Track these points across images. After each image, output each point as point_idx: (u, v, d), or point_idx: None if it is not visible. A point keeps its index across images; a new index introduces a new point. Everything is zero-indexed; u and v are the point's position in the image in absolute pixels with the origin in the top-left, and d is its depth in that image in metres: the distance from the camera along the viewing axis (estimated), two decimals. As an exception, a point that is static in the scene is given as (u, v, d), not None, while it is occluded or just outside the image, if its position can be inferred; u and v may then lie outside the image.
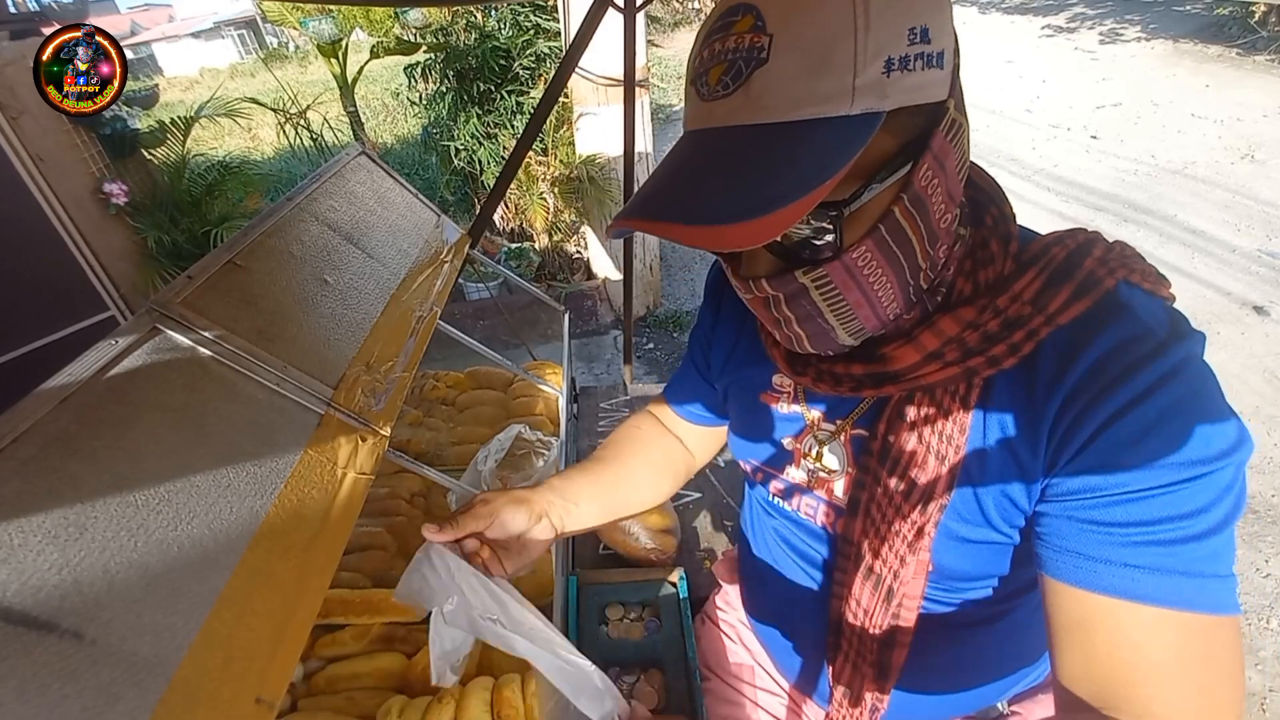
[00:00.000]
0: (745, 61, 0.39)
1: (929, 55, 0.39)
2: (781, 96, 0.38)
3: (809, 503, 0.63)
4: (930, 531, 0.52)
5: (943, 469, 0.51)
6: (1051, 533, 0.46)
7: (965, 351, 0.47)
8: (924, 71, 0.39)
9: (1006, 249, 0.49)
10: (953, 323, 0.48)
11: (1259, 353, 2.87)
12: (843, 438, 0.59)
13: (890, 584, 0.55)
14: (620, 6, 1.30)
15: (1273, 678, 1.72)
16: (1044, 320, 0.46)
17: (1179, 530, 0.41)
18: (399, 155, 6.09)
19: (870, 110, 0.38)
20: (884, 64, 0.38)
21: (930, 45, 0.39)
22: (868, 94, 0.38)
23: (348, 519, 0.67)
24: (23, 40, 2.78)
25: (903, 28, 0.38)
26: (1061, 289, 0.46)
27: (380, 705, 0.91)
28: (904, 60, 0.38)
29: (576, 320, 3.68)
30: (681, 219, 0.39)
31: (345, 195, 1.15)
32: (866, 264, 0.45)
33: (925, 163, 0.41)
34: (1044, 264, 0.47)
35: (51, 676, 0.38)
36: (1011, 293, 0.47)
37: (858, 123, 0.38)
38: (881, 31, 0.37)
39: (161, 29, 24.87)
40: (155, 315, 0.65)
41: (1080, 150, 5.31)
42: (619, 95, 2.15)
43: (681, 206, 0.40)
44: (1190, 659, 0.42)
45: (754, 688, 0.83)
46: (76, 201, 2.86)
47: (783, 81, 0.38)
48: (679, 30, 10.61)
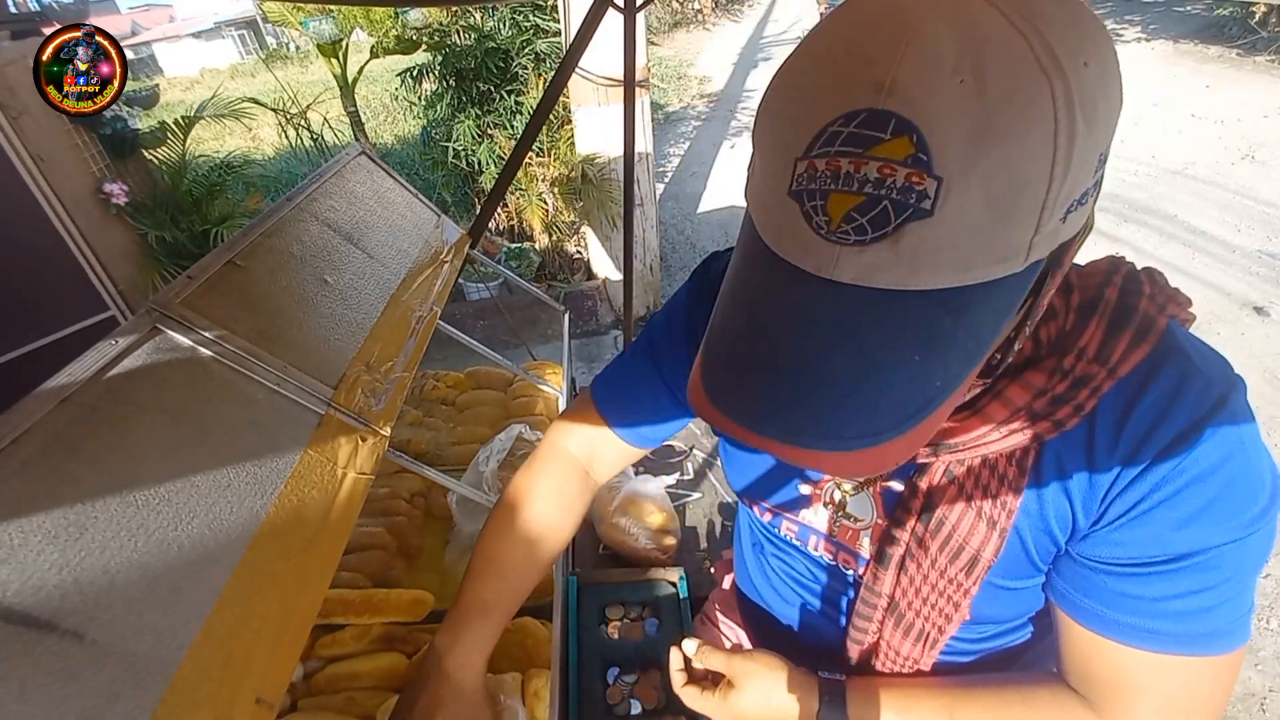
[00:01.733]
0: (895, 206, 0.28)
1: (1097, 184, 0.31)
2: (949, 261, 0.29)
3: (827, 546, 0.60)
4: (973, 590, 0.50)
5: (993, 534, 0.48)
6: (1080, 581, 0.47)
7: (1032, 418, 0.43)
8: (1085, 206, 0.31)
9: (1068, 301, 0.44)
10: (1021, 391, 0.43)
11: (1259, 353, 2.87)
12: (873, 489, 0.55)
13: (933, 636, 0.55)
14: (620, 6, 1.30)
15: (1273, 678, 1.72)
16: (1107, 374, 0.42)
17: (1209, 599, 0.42)
18: (399, 155, 6.10)
19: (1037, 260, 0.31)
20: (1067, 209, 0.30)
21: (1099, 172, 0.31)
22: (1042, 245, 0.30)
23: (348, 519, 0.67)
24: (23, 40, 2.77)
25: (1094, 158, 0.30)
26: (1121, 336, 0.42)
27: (380, 705, 0.90)
28: (1084, 196, 0.30)
29: (576, 320, 3.68)
30: (790, 438, 0.31)
31: (345, 195, 1.15)
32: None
33: (1054, 277, 0.35)
34: (1102, 310, 0.43)
35: (51, 676, 0.38)
36: (1077, 350, 0.42)
37: (1018, 280, 0.31)
38: (1079, 170, 0.29)
39: (162, 29, 24.86)
40: (155, 315, 0.65)
41: (1080, 150, 5.30)
42: (619, 95, 2.15)
43: (790, 414, 0.31)
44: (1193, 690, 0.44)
45: (754, 687, 0.83)
46: (76, 201, 2.85)
47: (954, 242, 0.29)
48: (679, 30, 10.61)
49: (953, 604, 0.52)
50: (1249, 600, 0.43)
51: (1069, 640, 0.49)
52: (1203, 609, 0.42)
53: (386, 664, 1.00)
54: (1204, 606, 0.42)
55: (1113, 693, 0.47)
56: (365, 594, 1.04)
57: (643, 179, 3.24)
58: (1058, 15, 0.28)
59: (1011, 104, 0.27)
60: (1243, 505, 0.41)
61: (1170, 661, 0.44)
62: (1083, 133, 0.28)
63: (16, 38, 2.77)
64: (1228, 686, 0.45)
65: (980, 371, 0.37)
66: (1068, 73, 0.27)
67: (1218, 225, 3.93)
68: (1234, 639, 0.43)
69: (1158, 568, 0.42)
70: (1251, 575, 0.42)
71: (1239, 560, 0.41)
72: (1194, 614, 0.42)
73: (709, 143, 6.50)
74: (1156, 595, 0.43)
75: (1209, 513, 0.41)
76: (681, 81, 8.64)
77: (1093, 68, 0.28)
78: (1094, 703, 0.48)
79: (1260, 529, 0.41)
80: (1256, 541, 0.41)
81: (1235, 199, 4.22)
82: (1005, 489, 0.46)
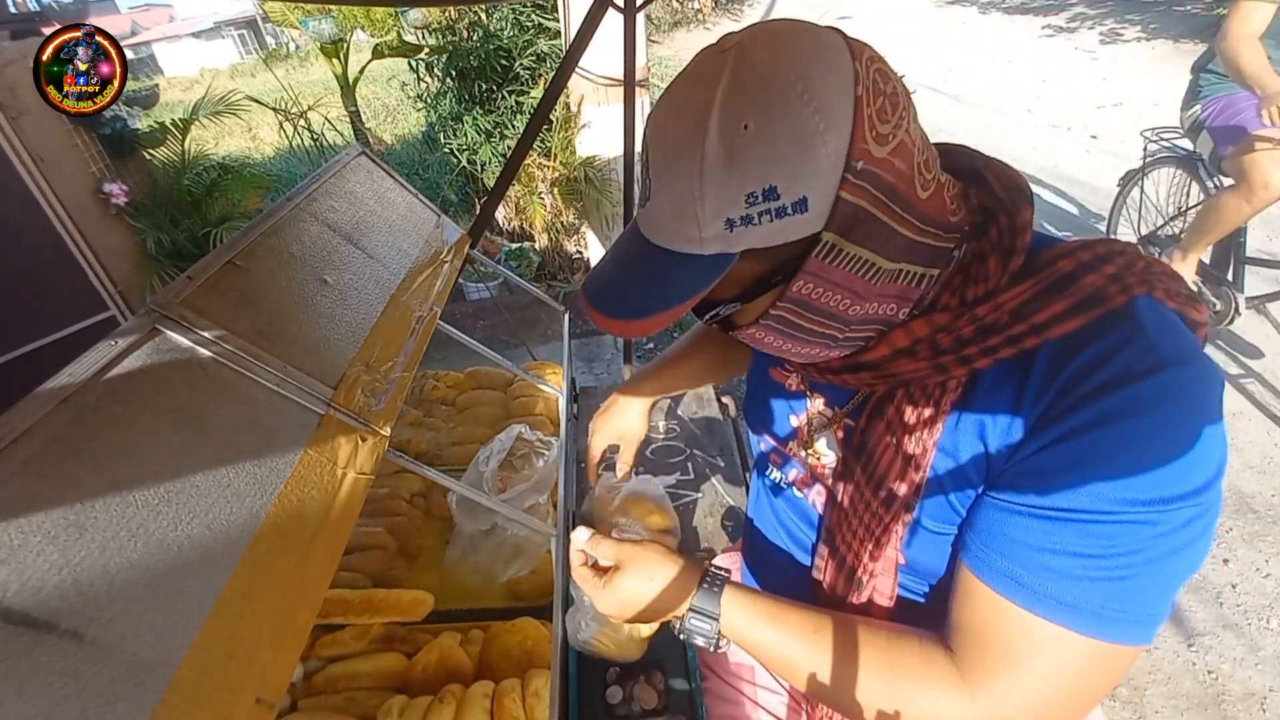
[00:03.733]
0: (645, 189, 0.47)
1: (779, 208, 0.42)
2: (660, 228, 0.46)
3: (809, 484, 0.65)
4: (897, 529, 0.53)
5: (909, 469, 0.51)
6: (985, 531, 0.47)
7: (935, 350, 0.49)
8: (775, 221, 0.42)
9: (1005, 265, 0.48)
10: (924, 325, 0.49)
11: (1259, 352, 2.87)
12: (837, 426, 0.61)
13: (860, 575, 0.57)
14: (620, 6, 1.30)
15: (1273, 677, 1.72)
16: (1028, 329, 0.45)
17: (1100, 567, 0.41)
18: (399, 155, 6.09)
19: (722, 252, 0.44)
20: (724, 223, 0.43)
21: (780, 200, 0.41)
22: (715, 242, 0.44)
23: (348, 519, 0.67)
24: (23, 40, 2.77)
25: (739, 194, 0.41)
26: (1055, 302, 0.45)
27: (380, 705, 0.91)
28: (746, 218, 0.42)
29: (576, 320, 3.68)
30: (591, 302, 0.49)
31: (345, 195, 1.15)
32: (765, 335, 0.51)
33: (798, 280, 0.45)
34: (1042, 277, 0.47)
35: (51, 676, 0.38)
36: (994, 303, 0.47)
37: (713, 260, 0.45)
38: (717, 197, 0.42)
39: (162, 29, 24.87)
40: (155, 316, 0.65)
41: (1080, 150, 5.30)
42: (619, 95, 2.15)
43: (604, 298, 0.49)
44: (1064, 671, 0.44)
45: (754, 686, 0.83)
46: (76, 201, 2.85)
47: (659, 217, 0.46)
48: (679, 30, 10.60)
49: (874, 539, 0.54)
50: (1149, 598, 0.42)
51: (960, 592, 0.49)
52: (1085, 577, 0.41)
53: (386, 664, 1.00)
54: (1087, 575, 0.41)
55: (983, 656, 0.47)
56: (365, 594, 1.04)
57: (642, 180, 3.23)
58: (754, 93, 0.40)
59: (676, 146, 0.43)
60: (1148, 481, 0.40)
61: (1047, 630, 0.43)
62: (720, 175, 0.41)
63: (16, 38, 2.77)
64: (1101, 681, 0.44)
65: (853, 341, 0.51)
66: (716, 131, 0.41)
67: (1218, 225, 3.93)
68: (1118, 630, 0.42)
69: (1048, 512, 0.43)
70: (1156, 569, 0.41)
71: (1135, 543, 0.40)
72: (1075, 579, 0.42)
73: (709, 142, 6.50)
74: (1042, 544, 0.43)
75: (1107, 469, 0.41)
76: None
77: (752, 129, 0.40)
78: (965, 665, 0.48)
79: (1164, 522, 0.40)
80: (1161, 534, 0.40)
81: (1235, 198, 4.22)
82: (922, 425, 0.51)
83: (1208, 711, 1.68)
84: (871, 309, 0.48)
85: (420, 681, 0.97)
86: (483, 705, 0.89)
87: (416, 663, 0.99)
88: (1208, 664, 1.78)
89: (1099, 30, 8.23)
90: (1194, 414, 0.41)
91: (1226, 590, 1.97)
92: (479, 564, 1.19)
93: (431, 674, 0.97)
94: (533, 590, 1.16)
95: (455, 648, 1.00)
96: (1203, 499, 0.40)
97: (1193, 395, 0.41)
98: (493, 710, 0.90)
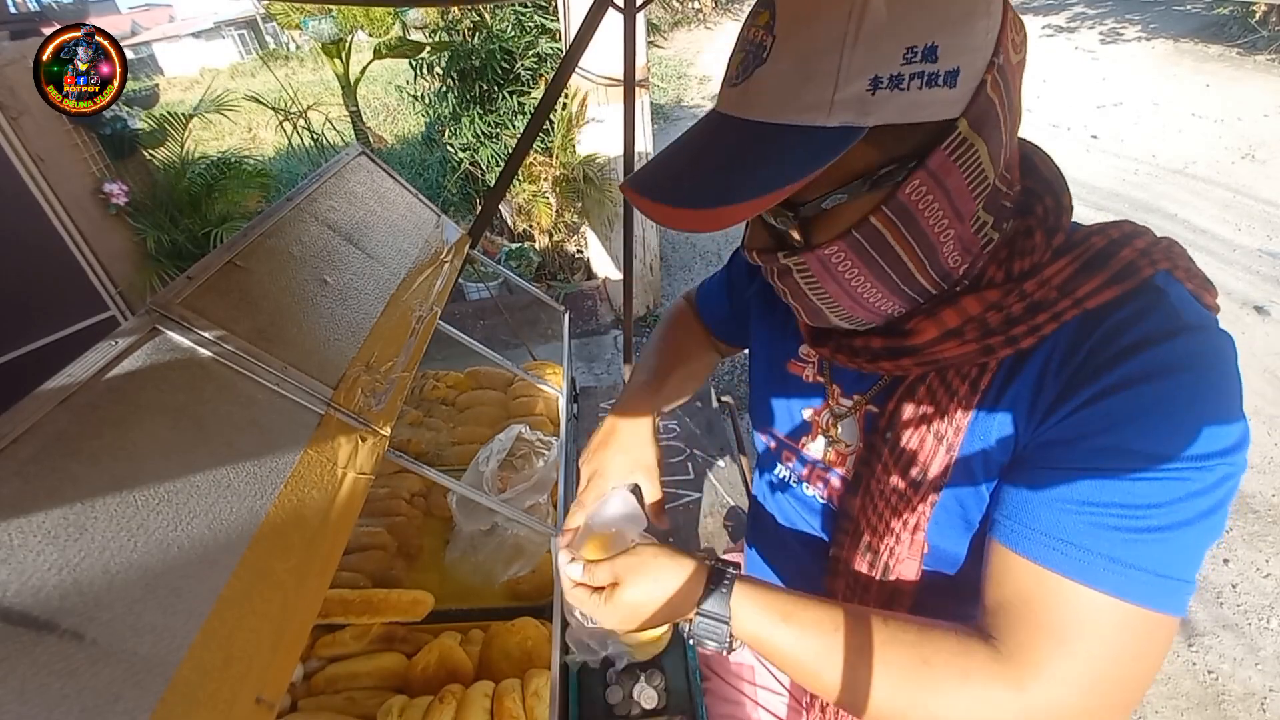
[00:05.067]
0: (753, 57, 0.41)
1: (932, 74, 0.38)
2: (769, 99, 0.41)
3: (821, 477, 0.63)
4: (926, 512, 0.52)
5: (940, 448, 0.50)
6: (1018, 503, 0.45)
7: (985, 330, 0.47)
8: (923, 91, 0.38)
9: (1050, 241, 0.47)
10: (976, 303, 0.47)
11: (1259, 352, 2.87)
12: (858, 413, 0.59)
13: (886, 560, 0.55)
14: (620, 6, 1.30)
15: (1273, 677, 1.72)
16: (1072, 304, 0.45)
17: (1143, 520, 0.40)
18: (399, 155, 6.10)
19: (848, 125, 0.39)
20: (869, 82, 0.38)
21: (936, 64, 0.38)
22: (846, 109, 0.39)
23: (348, 519, 0.67)
24: (23, 40, 2.78)
25: (898, 47, 0.38)
26: (1094, 276, 0.45)
27: (380, 705, 0.91)
28: (895, 79, 0.38)
29: (576, 320, 3.68)
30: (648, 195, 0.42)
31: (345, 195, 1.15)
32: (840, 262, 0.46)
33: (917, 178, 0.41)
34: (1079, 252, 0.46)
35: (51, 676, 0.38)
36: (1041, 278, 0.46)
37: (833, 135, 0.39)
38: (872, 49, 0.37)
39: (162, 29, 24.85)
40: (155, 316, 0.65)
41: (1081, 150, 5.30)
42: (619, 95, 2.15)
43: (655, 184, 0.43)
44: (1114, 646, 0.41)
45: (755, 686, 0.83)
46: (76, 201, 2.86)
47: (773, 84, 0.40)
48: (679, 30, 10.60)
49: (904, 524, 0.53)
50: (1185, 559, 0.40)
51: (995, 572, 0.46)
52: (1139, 529, 0.40)
53: (386, 664, 1.00)
54: (1140, 527, 0.40)
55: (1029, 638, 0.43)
56: (365, 594, 1.04)
57: (643, 179, 3.22)
58: None
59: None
60: (1176, 434, 0.40)
61: (1094, 600, 0.41)
62: (882, 20, 0.37)
63: (16, 38, 2.78)
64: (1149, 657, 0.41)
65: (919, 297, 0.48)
66: None
67: (1218, 224, 3.94)
68: (1168, 597, 0.40)
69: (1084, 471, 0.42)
70: (1191, 529, 0.40)
71: (1173, 498, 0.40)
72: (1115, 532, 0.40)
73: (709, 142, 6.50)
74: (1079, 498, 0.42)
75: (1140, 426, 0.40)
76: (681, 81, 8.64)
77: None
78: (1008, 651, 0.43)
79: (1198, 479, 0.39)
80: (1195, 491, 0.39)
81: (1235, 198, 4.22)
82: (957, 405, 0.49)
83: (1208, 711, 1.68)
84: (950, 250, 0.46)
85: (420, 681, 0.97)
86: (483, 705, 0.89)
87: (416, 663, 0.99)
88: (1208, 664, 1.78)
89: (1099, 30, 8.24)
90: (1223, 376, 0.41)
91: (1226, 590, 1.97)
92: (479, 564, 1.19)
93: (431, 674, 0.97)
94: (533, 590, 1.16)
95: (455, 648, 1.00)
96: (1234, 459, 0.40)
97: (1218, 357, 0.42)
98: (493, 710, 0.90)
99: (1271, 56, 6.45)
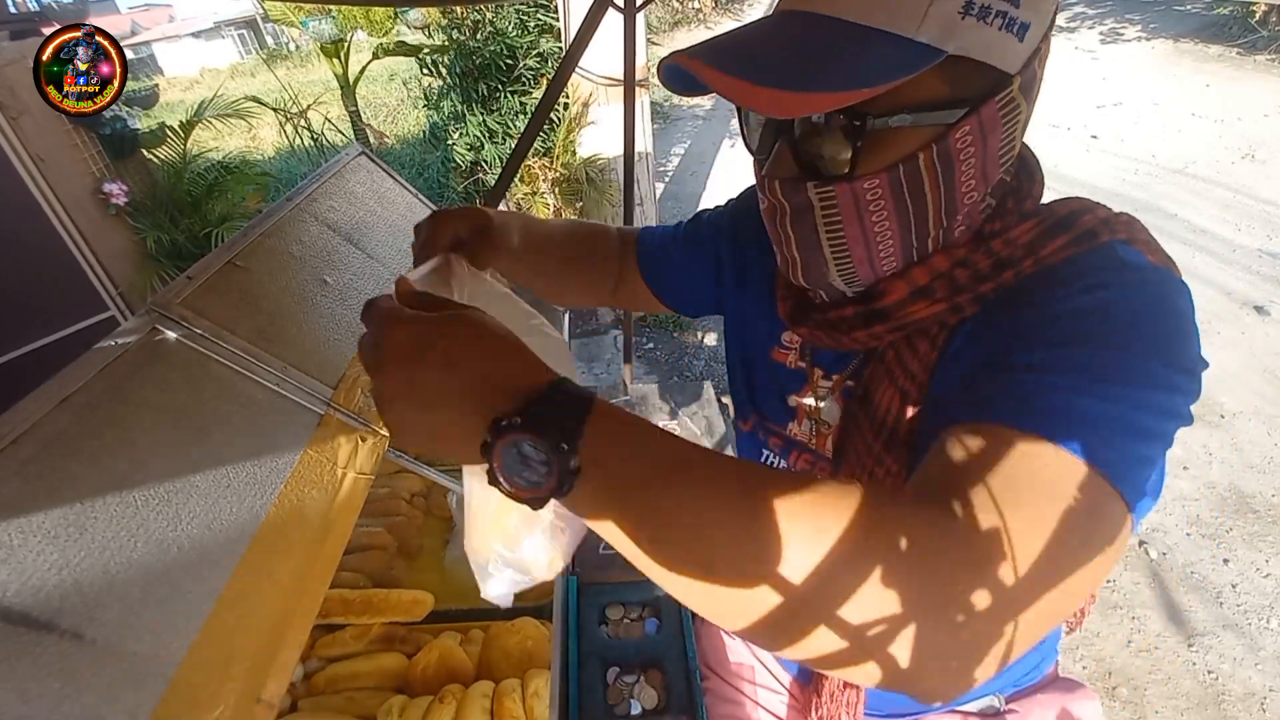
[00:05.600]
0: None
1: (1012, 18, 0.39)
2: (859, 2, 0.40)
3: (807, 460, 0.64)
4: (901, 471, 0.52)
5: (906, 406, 0.51)
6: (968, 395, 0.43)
7: (954, 288, 0.48)
8: (1001, 32, 0.40)
9: (1019, 207, 0.49)
10: (945, 259, 0.48)
11: (1259, 352, 2.87)
12: (837, 392, 0.60)
13: None
14: (620, 6, 1.30)
15: (1273, 677, 1.72)
16: (1033, 262, 0.47)
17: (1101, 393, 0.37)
18: (400, 155, 6.10)
19: (932, 44, 0.39)
20: (963, 5, 0.39)
21: (1018, 10, 0.39)
22: (935, 25, 0.39)
23: (348, 519, 0.67)
24: (23, 40, 2.78)
25: None
26: (1057, 238, 0.47)
27: (380, 705, 0.91)
28: (984, 10, 0.39)
29: (576, 320, 3.68)
30: (720, 66, 0.39)
31: (345, 195, 1.15)
32: (875, 199, 0.45)
33: (969, 124, 0.42)
34: (1044, 217, 0.48)
35: (51, 676, 0.38)
36: (1007, 238, 0.48)
37: (916, 50, 0.39)
38: None
39: (162, 29, 24.86)
40: (155, 316, 0.65)
41: (1080, 150, 5.30)
42: (619, 95, 2.15)
43: (727, 58, 0.40)
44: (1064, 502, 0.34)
45: (755, 685, 0.83)
46: (76, 201, 2.86)
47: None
48: (679, 30, 10.60)
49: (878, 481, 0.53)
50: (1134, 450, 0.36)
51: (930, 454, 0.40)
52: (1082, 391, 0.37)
53: (386, 664, 1.00)
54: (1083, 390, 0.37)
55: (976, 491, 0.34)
56: (365, 594, 1.04)
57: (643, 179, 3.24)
58: None
59: None
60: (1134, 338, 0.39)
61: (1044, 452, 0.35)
62: None
63: (16, 38, 2.78)
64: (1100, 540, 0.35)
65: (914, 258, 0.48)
66: None
67: (1218, 224, 3.93)
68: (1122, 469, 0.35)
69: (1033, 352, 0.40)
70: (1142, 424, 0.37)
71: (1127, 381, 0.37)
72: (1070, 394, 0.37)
73: (709, 142, 6.50)
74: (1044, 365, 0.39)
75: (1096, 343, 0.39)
76: (681, 81, 8.60)
77: None
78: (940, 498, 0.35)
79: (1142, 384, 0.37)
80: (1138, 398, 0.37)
81: (1235, 198, 4.22)
82: (918, 362, 0.50)
83: (1208, 711, 1.68)
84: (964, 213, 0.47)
85: (420, 681, 0.97)
86: (483, 705, 0.89)
87: (417, 663, 0.99)
88: (1208, 664, 1.78)
89: (1099, 30, 8.23)
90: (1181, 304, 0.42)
91: (1226, 590, 1.97)
92: (479, 564, 1.19)
93: (432, 674, 0.97)
94: (533, 590, 1.16)
95: (455, 648, 1.00)
96: (1192, 385, 0.39)
97: (1176, 292, 0.43)
98: (493, 710, 0.90)
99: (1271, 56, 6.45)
